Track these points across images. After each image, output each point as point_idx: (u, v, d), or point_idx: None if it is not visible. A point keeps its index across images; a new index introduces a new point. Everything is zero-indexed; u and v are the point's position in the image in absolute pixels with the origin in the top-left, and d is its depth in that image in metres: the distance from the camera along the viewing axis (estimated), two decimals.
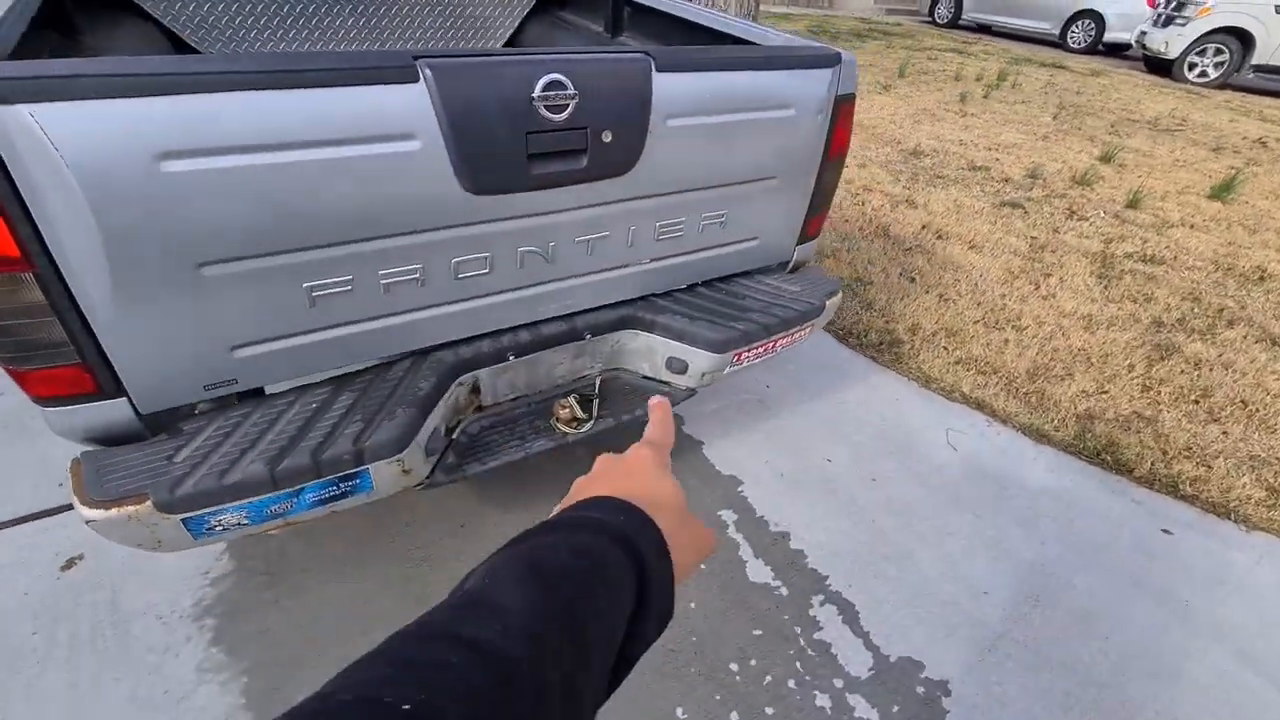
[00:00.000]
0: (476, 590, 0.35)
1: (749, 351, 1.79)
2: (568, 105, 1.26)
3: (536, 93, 1.22)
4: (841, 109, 1.74)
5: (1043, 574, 2.00)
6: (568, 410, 1.65)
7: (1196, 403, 2.71)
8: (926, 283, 3.44)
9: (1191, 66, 9.74)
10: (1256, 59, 9.20)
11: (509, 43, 2.95)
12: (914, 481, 2.29)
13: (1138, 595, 1.96)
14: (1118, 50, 11.96)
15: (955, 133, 6.15)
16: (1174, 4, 9.64)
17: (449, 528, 1.95)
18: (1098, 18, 11.57)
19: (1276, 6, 8.81)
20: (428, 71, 1.13)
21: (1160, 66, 10.10)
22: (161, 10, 2.19)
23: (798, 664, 1.70)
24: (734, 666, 1.68)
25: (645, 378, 1.85)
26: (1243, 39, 9.22)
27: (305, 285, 1.20)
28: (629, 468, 0.47)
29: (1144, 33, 10.20)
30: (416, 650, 0.30)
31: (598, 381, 1.80)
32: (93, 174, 0.92)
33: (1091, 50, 11.92)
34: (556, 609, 0.33)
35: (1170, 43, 9.66)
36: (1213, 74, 9.66)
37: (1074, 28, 12.00)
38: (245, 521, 1.23)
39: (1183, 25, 9.52)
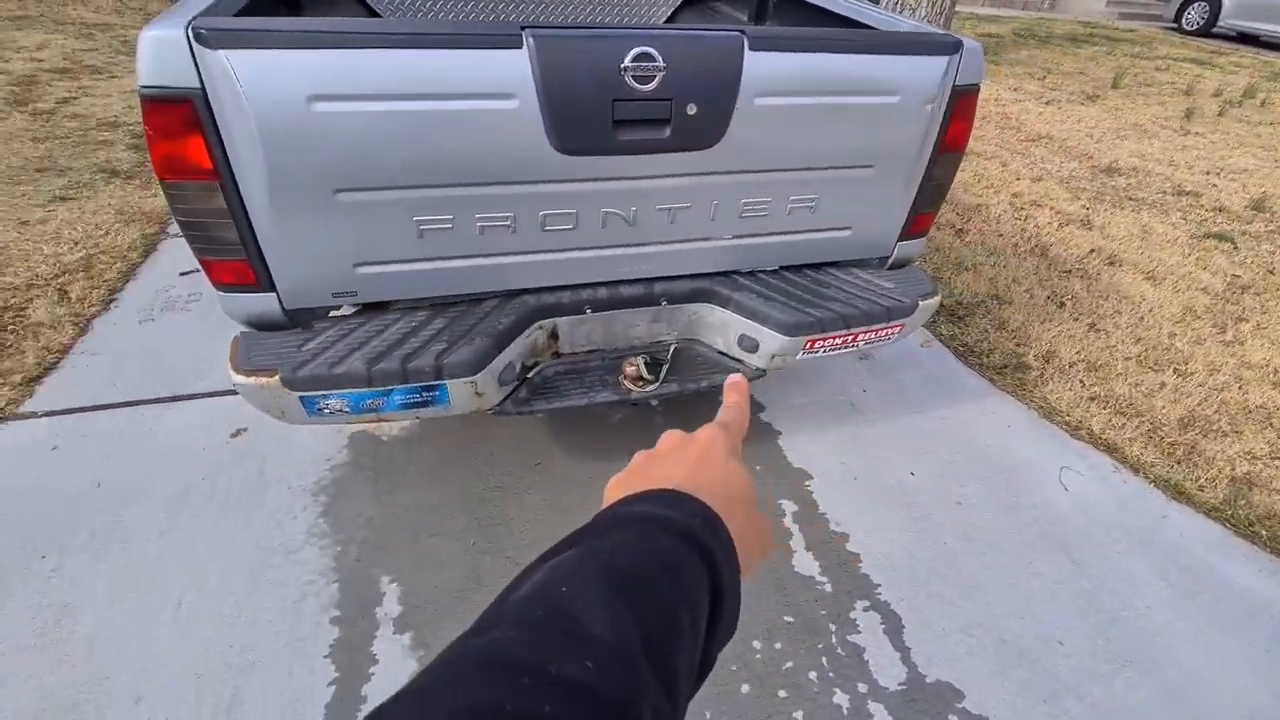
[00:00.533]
0: (553, 602, 0.30)
1: (823, 340, 1.77)
2: (655, 77, 1.36)
3: (626, 63, 1.33)
4: (960, 100, 1.66)
5: (1141, 640, 1.77)
6: (634, 369, 1.76)
7: None
8: (1078, 310, 3.08)
9: None
10: None
11: None
12: (1005, 513, 2.11)
13: (1261, 691, 1.66)
14: None
15: (1167, 152, 5.34)
16: None
17: (526, 463, 2.15)
18: None
19: None
20: (530, 40, 1.28)
21: None
22: None
23: (824, 659, 1.68)
24: (756, 644, 1.70)
25: (719, 352, 1.90)
26: None
27: (415, 219, 1.42)
28: (700, 452, 0.43)
29: None
30: (501, 691, 0.25)
31: (671, 348, 1.88)
32: (263, 108, 1.19)
33: None
34: (645, 634, 0.29)
35: None
36: None
37: None
38: (346, 409, 1.49)
39: None
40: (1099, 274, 3.40)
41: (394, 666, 1.58)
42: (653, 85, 1.37)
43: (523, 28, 1.29)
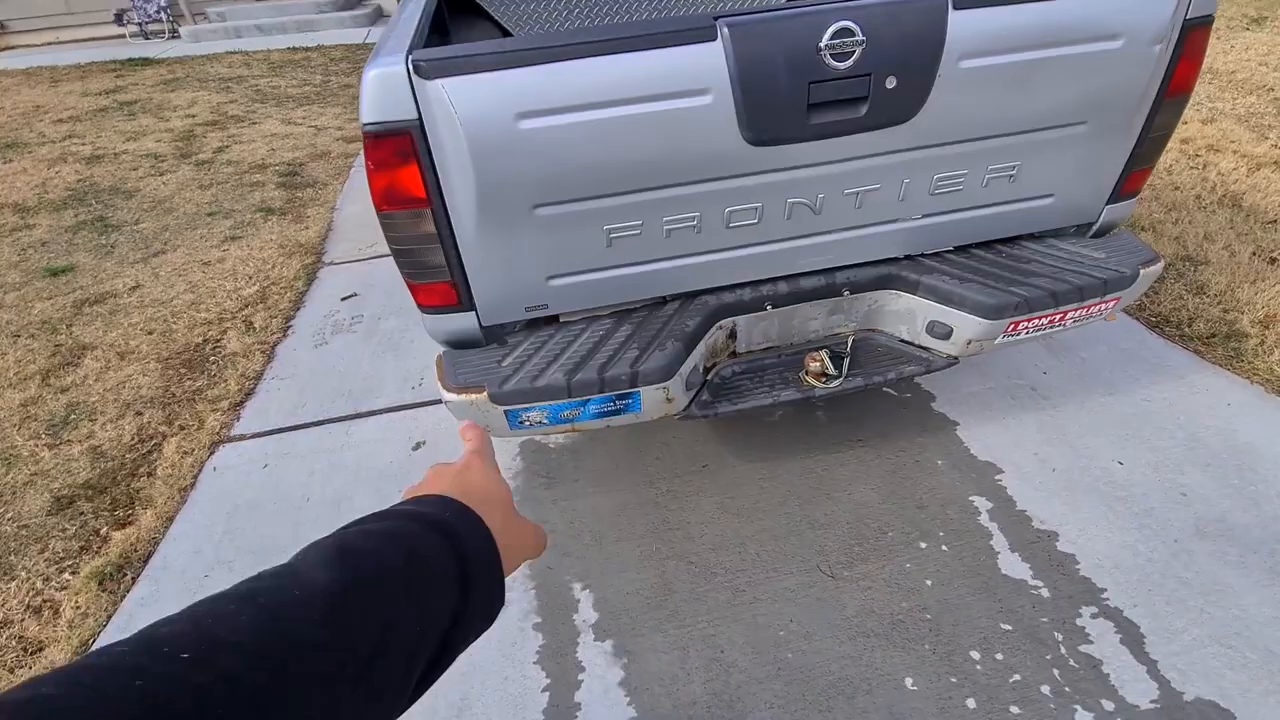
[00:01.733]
0: (286, 567, 0.35)
1: (1029, 321, 1.61)
2: (854, 52, 1.27)
3: (824, 41, 1.25)
4: (1191, 35, 1.45)
5: None
6: (818, 364, 1.68)
7: None
8: None
9: None
10: None
11: None
12: (1244, 505, 1.85)
13: None
14: None
15: None
16: None
17: (694, 467, 2.12)
18: None
19: None
20: (725, 30, 1.23)
21: None
22: (499, 12, 2.66)
23: (1055, 671, 1.53)
24: (975, 655, 1.57)
25: (902, 341, 1.78)
26: None
27: (605, 228, 1.42)
28: (459, 469, 0.49)
29: None
30: (211, 606, 0.31)
31: (850, 340, 1.78)
32: (476, 131, 1.21)
33: None
34: (361, 588, 0.34)
35: None
36: None
37: None
38: (545, 421, 1.51)
39: None
40: None
41: (601, 673, 1.59)
42: (851, 61, 1.28)
43: (715, 18, 1.24)
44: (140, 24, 10.27)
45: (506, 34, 2.71)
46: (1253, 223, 2.97)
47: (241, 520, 2.05)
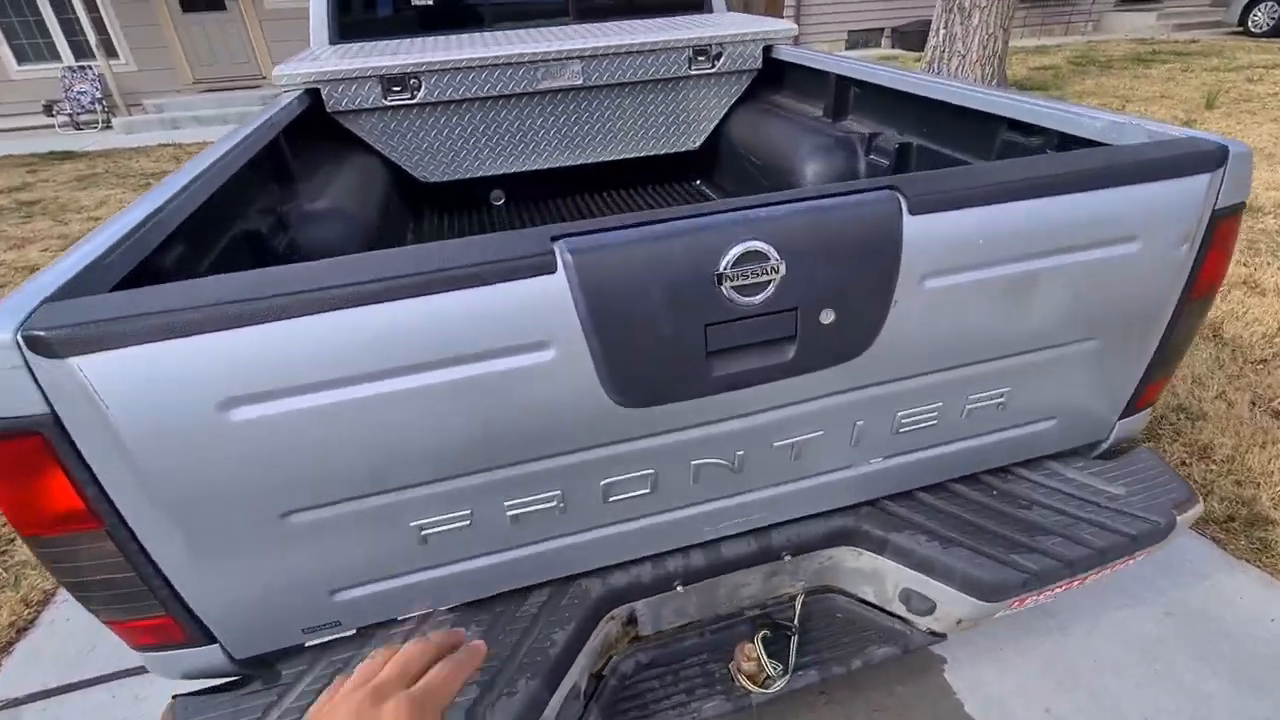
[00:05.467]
0: None
1: (1037, 595, 1.16)
2: (770, 283, 0.85)
3: (723, 268, 0.83)
4: (1220, 227, 1.08)
5: None
6: (752, 663, 1.19)
7: None
8: None
9: None
10: None
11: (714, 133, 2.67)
12: None
13: None
14: None
15: None
16: None
17: None
18: None
19: None
20: (567, 256, 0.80)
21: None
22: (384, 145, 2.28)
23: None
24: None
25: (870, 605, 1.31)
26: None
27: (413, 524, 0.93)
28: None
29: None
30: None
31: (798, 604, 1.30)
32: (146, 431, 0.73)
33: None
34: None
35: None
36: None
37: None
38: None
39: None
40: None
41: None
42: (766, 295, 0.85)
43: (552, 239, 0.80)
44: (71, 114, 9.91)
45: (399, 172, 2.33)
46: (1239, 361, 2.67)
47: None
